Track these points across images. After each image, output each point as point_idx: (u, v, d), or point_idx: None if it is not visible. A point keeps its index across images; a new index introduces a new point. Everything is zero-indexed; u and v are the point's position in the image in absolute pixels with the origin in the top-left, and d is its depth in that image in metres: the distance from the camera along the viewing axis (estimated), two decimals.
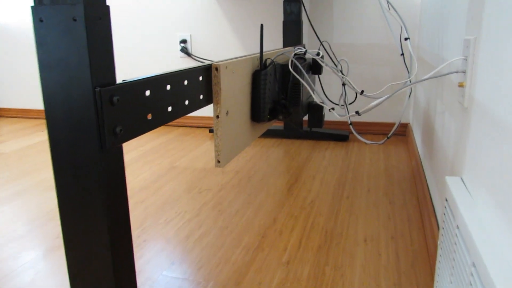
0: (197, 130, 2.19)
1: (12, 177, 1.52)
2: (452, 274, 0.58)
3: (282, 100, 1.09)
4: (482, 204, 0.57)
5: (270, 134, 2.00)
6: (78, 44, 0.48)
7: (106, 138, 0.51)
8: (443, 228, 0.68)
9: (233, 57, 1.71)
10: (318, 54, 1.17)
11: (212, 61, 2.18)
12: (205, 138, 2.02)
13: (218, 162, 0.85)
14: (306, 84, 1.11)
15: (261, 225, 1.13)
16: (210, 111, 2.24)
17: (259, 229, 1.11)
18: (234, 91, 0.88)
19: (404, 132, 2.00)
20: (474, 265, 0.48)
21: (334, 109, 1.07)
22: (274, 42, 2.07)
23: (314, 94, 1.10)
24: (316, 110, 1.27)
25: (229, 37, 2.11)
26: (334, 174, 1.49)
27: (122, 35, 2.25)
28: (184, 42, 2.17)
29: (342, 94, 1.14)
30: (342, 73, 1.17)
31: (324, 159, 1.66)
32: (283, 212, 1.20)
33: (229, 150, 0.89)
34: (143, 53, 2.25)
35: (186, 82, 0.71)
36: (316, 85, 1.94)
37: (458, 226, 0.58)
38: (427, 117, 1.32)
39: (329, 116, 2.05)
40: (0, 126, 2.33)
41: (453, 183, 0.67)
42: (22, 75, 2.53)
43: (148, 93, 0.60)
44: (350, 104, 1.24)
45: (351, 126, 1.05)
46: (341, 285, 0.86)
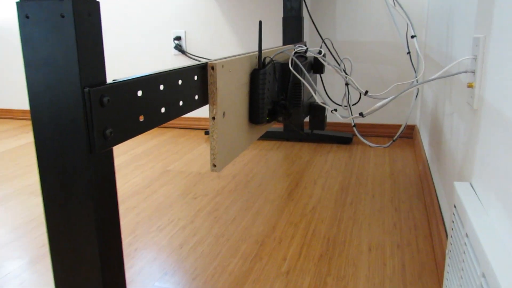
0: (192, 132, 2.19)
1: None
2: (460, 286, 0.59)
3: (282, 100, 1.09)
4: (492, 211, 0.57)
5: (269, 137, 2.00)
6: (66, 41, 0.48)
7: (96, 141, 0.51)
8: (452, 236, 0.68)
9: (230, 55, 1.71)
10: (319, 52, 1.18)
11: (207, 59, 2.19)
12: (200, 140, 2.02)
13: (214, 166, 0.85)
14: (307, 84, 1.12)
15: (259, 232, 1.13)
16: (206, 112, 2.24)
17: (257, 237, 1.11)
18: (231, 91, 0.88)
19: (410, 134, 2.01)
20: (484, 275, 0.48)
21: (336, 110, 1.07)
22: (274, 40, 2.08)
23: (315, 94, 1.10)
24: (317, 111, 1.27)
25: (226, 34, 2.12)
26: (336, 178, 1.50)
27: (112, 32, 2.26)
28: (178, 39, 2.17)
29: (345, 94, 1.14)
30: (345, 72, 1.18)
31: (326, 163, 1.66)
32: (283, 219, 1.20)
33: (225, 153, 0.89)
34: (135, 51, 2.25)
35: (180, 82, 0.71)
36: (317, 85, 1.94)
37: (467, 234, 0.58)
38: (435, 118, 1.32)
39: (331, 117, 2.05)
40: None
41: (461, 189, 0.67)
42: (6, 74, 2.52)
43: (140, 93, 0.60)
44: (353, 105, 1.24)
45: (355, 128, 1.05)
46: None
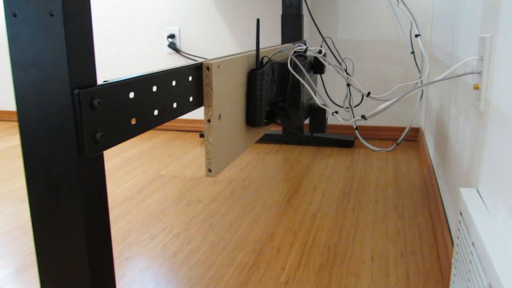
0: (186, 134, 2.20)
1: None
2: None
3: (281, 102, 1.09)
4: (500, 218, 0.57)
5: (267, 140, 2.01)
6: (55, 41, 0.48)
7: (86, 145, 0.52)
8: (458, 245, 0.69)
9: (226, 54, 1.72)
10: (320, 51, 1.18)
11: (203, 58, 2.19)
12: (195, 143, 2.03)
13: (210, 171, 0.86)
14: (307, 84, 1.12)
15: (256, 241, 1.13)
16: (201, 114, 2.24)
17: (255, 245, 1.11)
18: (228, 93, 0.89)
19: (415, 137, 2.01)
20: (490, 286, 0.48)
21: (337, 112, 1.07)
22: (272, 38, 2.08)
23: (315, 95, 1.10)
24: (318, 113, 1.28)
25: (222, 32, 2.12)
26: (338, 184, 1.50)
27: (103, 31, 2.26)
28: (172, 37, 2.18)
29: (346, 95, 1.15)
30: (346, 72, 1.18)
31: (327, 168, 1.66)
32: (281, 226, 1.20)
33: (221, 157, 0.89)
34: (127, 50, 2.25)
35: (174, 83, 0.72)
36: (318, 86, 1.95)
37: (473, 243, 0.58)
38: (440, 121, 1.33)
39: (332, 120, 2.06)
40: None
41: (468, 195, 0.67)
42: None
43: (132, 95, 0.60)
44: (355, 106, 1.25)
45: (357, 131, 1.05)
46: None
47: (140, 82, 0.62)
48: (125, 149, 1.94)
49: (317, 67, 1.31)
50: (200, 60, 0.83)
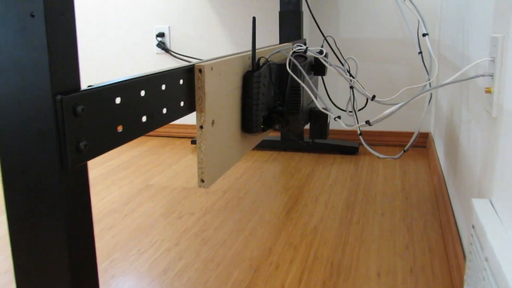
0: (176, 140, 2.20)
1: None
2: None
3: (279, 106, 1.10)
4: None
5: (265, 147, 2.01)
6: (36, 43, 0.48)
7: (68, 156, 0.52)
8: (470, 260, 0.69)
9: (220, 55, 1.72)
10: (321, 51, 1.19)
11: (195, 59, 2.20)
12: (186, 150, 2.03)
13: (202, 181, 0.86)
14: (307, 87, 1.13)
15: (253, 257, 1.13)
16: (193, 119, 2.24)
17: (251, 262, 1.11)
18: (222, 97, 0.89)
19: (424, 143, 2.02)
20: None
21: (340, 117, 1.08)
22: (269, 38, 2.09)
23: (316, 99, 1.11)
24: (319, 118, 1.29)
25: (215, 30, 2.13)
26: (341, 194, 1.50)
27: (86, 31, 2.26)
28: (161, 35, 2.18)
29: (349, 99, 1.15)
30: (350, 74, 1.19)
31: (329, 177, 1.67)
32: (280, 241, 1.21)
33: (215, 166, 0.90)
34: (112, 51, 2.26)
35: (164, 87, 0.72)
36: (319, 88, 1.96)
37: (486, 258, 0.59)
38: (451, 126, 1.34)
39: (334, 125, 2.07)
40: None
41: (480, 207, 0.68)
42: None
43: (118, 100, 0.60)
44: (359, 110, 1.25)
45: (361, 137, 1.06)
46: None
47: (127, 87, 0.62)
48: (110, 157, 1.94)
49: (317, 69, 1.32)
50: (192, 61, 0.83)
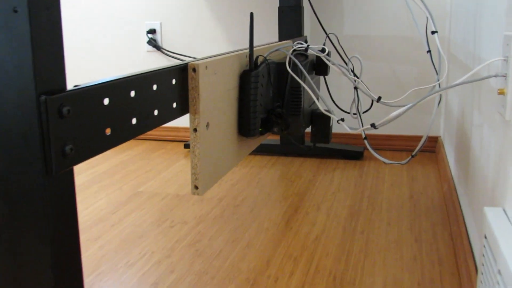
0: (168, 144, 2.20)
1: None
2: None
3: (278, 108, 1.10)
4: None
5: (263, 151, 2.01)
6: (19, 41, 0.49)
7: (53, 160, 0.52)
8: (482, 273, 0.69)
9: (215, 53, 1.73)
10: (323, 50, 1.19)
11: (188, 57, 2.20)
12: (179, 155, 2.03)
13: (196, 188, 0.86)
14: (308, 88, 1.13)
15: (250, 269, 1.13)
16: (186, 121, 2.25)
17: (248, 274, 1.11)
18: (217, 98, 0.89)
19: (433, 148, 2.03)
20: None
21: (344, 119, 1.08)
22: (268, 35, 2.10)
23: (318, 100, 1.11)
24: (321, 120, 1.29)
25: (210, 27, 2.14)
26: (344, 202, 1.51)
27: (72, 28, 2.27)
28: (152, 32, 2.19)
29: (354, 100, 1.16)
30: (354, 74, 1.19)
31: (332, 183, 1.67)
32: (279, 252, 1.21)
33: (210, 172, 0.90)
34: (100, 49, 2.26)
35: (155, 87, 0.72)
36: (321, 89, 1.96)
37: (500, 271, 0.59)
38: (462, 130, 1.34)
39: (337, 128, 2.07)
40: None
41: (493, 216, 0.68)
42: None
43: (106, 101, 0.60)
44: (364, 113, 1.26)
45: (366, 141, 1.06)
46: None
47: (115, 87, 0.62)
48: (97, 162, 1.94)
49: (319, 68, 1.32)
50: (185, 59, 0.83)
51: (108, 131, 0.61)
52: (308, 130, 2.12)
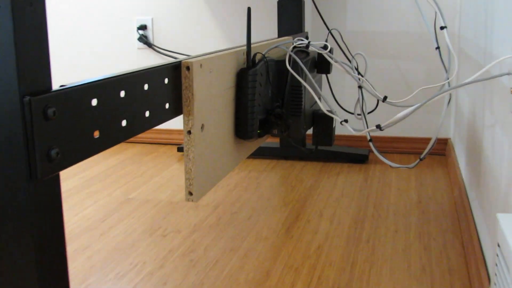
0: (161, 147, 2.20)
1: None
2: None
3: (278, 108, 1.10)
4: None
5: (262, 154, 2.01)
6: (2, 38, 0.49)
7: (38, 165, 0.52)
8: (495, 283, 0.69)
9: (210, 50, 1.73)
10: (325, 46, 1.20)
11: (181, 54, 2.20)
12: (172, 159, 2.03)
13: (190, 194, 0.86)
14: (310, 87, 1.13)
15: (249, 280, 1.13)
16: (180, 123, 2.24)
17: (246, 286, 1.11)
18: (212, 98, 0.90)
19: (443, 150, 2.03)
20: None
21: (347, 121, 1.09)
22: (267, 31, 2.10)
23: (320, 100, 1.12)
24: (323, 122, 1.29)
25: (205, 22, 2.14)
26: (349, 208, 1.51)
27: (59, 24, 2.26)
28: (143, 28, 2.19)
29: (358, 100, 1.16)
30: (358, 72, 1.20)
31: (335, 188, 1.67)
32: (280, 262, 1.20)
33: (205, 177, 0.90)
34: (88, 46, 2.26)
35: (146, 87, 0.72)
36: (323, 88, 1.96)
37: None
38: (473, 131, 1.34)
39: (341, 129, 2.07)
40: None
41: (507, 223, 0.68)
42: None
43: (94, 102, 0.60)
44: (369, 113, 1.26)
45: (371, 143, 1.06)
46: None
47: (104, 87, 0.62)
48: (85, 166, 1.94)
49: (321, 66, 1.32)
50: (178, 57, 0.83)
51: (96, 134, 0.61)
52: (309, 132, 2.12)
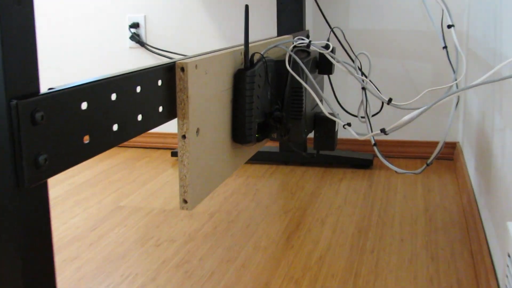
0: (154, 152, 2.20)
1: None
2: None
3: (277, 111, 1.10)
4: None
5: (261, 159, 2.01)
6: None
7: (25, 171, 0.52)
8: None
9: (206, 50, 1.73)
10: (327, 46, 1.20)
11: (176, 54, 2.20)
12: (166, 164, 2.03)
13: (185, 202, 0.86)
14: (311, 88, 1.14)
15: None
16: (174, 127, 2.24)
17: None
18: (208, 100, 0.90)
19: (450, 155, 2.03)
20: None
21: (350, 124, 1.09)
22: (266, 29, 2.10)
23: (322, 102, 1.12)
24: (325, 125, 1.29)
25: (200, 20, 2.14)
26: (352, 216, 1.51)
27: (46, 24, 2.27)
28: (135, 26, 2.19)
29: (361, 102, 1.16)
30: (361, 72, 1.20)
31: (337, 195, 1.67)
32: (279, 273, 1.21)
33: (200, 184, 0.90)
34: (77, 46, 2.26)
35: (139, 89, 0.72)
36: (324, 90, 1.97)
37: None
38: (482, 135, 1.35)
39: (343, 133, 2.08)
40: None
41: None
42: None
43: (84, 106, 0.61)
44: (373, 116, 1.26)
45: (376, 148, 1.07)
46: None
47: (94, 89, 0.62)
48: (74, 172, 1.94)
49: (323, 66, 1.32)
50: (173, 57, 0.84)
51: (86, 139, 0.61)
52: (310, 135, 2.12)
